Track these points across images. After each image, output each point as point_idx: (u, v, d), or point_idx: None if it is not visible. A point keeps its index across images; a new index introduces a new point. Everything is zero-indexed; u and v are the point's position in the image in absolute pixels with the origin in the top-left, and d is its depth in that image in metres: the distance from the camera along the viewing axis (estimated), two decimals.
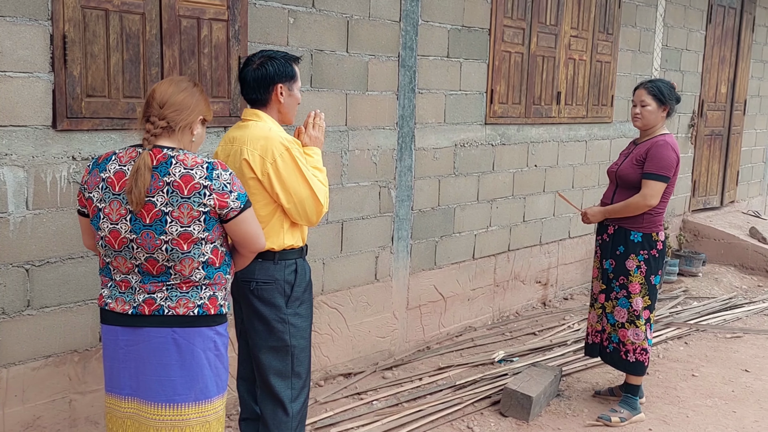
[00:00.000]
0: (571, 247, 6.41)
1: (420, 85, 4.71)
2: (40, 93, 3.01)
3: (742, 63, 8.54)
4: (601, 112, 6.46)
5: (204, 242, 2.27)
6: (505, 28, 5.29)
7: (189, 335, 2.29)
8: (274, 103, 2.79)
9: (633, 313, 3.94)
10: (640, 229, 3.91)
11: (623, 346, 3.97)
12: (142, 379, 2.30)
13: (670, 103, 3.89)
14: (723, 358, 5.06)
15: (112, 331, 2.32)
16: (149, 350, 2.28)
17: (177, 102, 2.27)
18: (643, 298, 3.94)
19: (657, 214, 3.93)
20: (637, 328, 3.93)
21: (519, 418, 3.95)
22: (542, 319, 5.77)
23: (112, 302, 2.32)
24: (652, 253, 3.92)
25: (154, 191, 2.19)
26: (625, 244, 3.93)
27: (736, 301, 6.44)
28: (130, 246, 2.23)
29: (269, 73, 2.73)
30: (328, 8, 4.08)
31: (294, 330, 2.80)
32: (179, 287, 2.28)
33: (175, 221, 2.20)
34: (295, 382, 2.84)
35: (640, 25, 6.74)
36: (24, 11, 2.93)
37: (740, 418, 4.13)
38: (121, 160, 2.26)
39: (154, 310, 2.27)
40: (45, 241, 3.11)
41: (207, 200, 2.22)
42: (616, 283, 3.98)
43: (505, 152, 5.50)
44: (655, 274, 3.96)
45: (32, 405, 3.15)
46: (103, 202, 2.25)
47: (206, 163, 2.24)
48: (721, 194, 8.69)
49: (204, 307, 2.30)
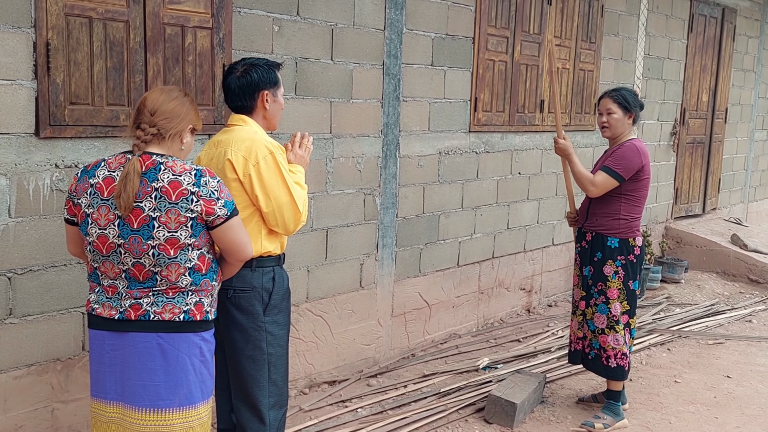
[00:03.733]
0: (555, 254, 6.45)
1: (404, 93, 4.73)
2: (23, 100, 3.00)
3: (723, 72, 8.65)
4: (585, 120, 6.51)
5: (191, 248, 2.30)
6: (489, 36, 5.33)
7: (174, 340, 2.30)
8: (260, 110, 2.81)
9: (612, 318, 3.96)
10: (617, 234, 3.94)
11: (604, 351, 3.99)
12: (127, 384, 2.31)
13: (635, 110, 3.93)
14: (705, 365, 5.11)
15: (99, 335, 2.34)
16: (134, 355, 2.30)
17: (167, 110, 2.31)
18: (621, 304, 3.97)
19: (633, 219, 3.95)
20: (617, 333, 3.96)
21: (503, 424, 3.96)
22: (526, 326, 5.79)
23: (99, 307, 2.34)
24: (629, 258, 3.95)
25: (143, 196, 2.23)
26: (603, 250, 3.96)
27: (719, 308, 6.50)
28: (118, 251, 2.26)
29: (254, 80, 2.75)
30: (312, 16, 4.10)
31: (271, 338, 2.78)
32: (165, 293, 2.30)
33: (163, 226, 2.23)
34: (272, 390, 2.81)
35: (622, 34, 6.81)
36: (6, 18, 2.92)
37: (722, 424, 4.17)
38: (111, 166, 2.30)
39: (140, 315, 2.29)
40: (27, 248, 3.09)
41: (194, 206, 2.26)
42: (594, 289, 4.01)
43: (489, 160, 5.54)
44: (633, 279, 3.98)
45: (14, 414, 3.12)
46: (91, 207, 2.28)
47: (194, 170, 2.28)
48: (703, 202, 8.78)
49: (190, 313, 2.32)
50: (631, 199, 3.93)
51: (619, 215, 3.93)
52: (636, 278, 4.00)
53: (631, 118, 3.94)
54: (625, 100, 3.91)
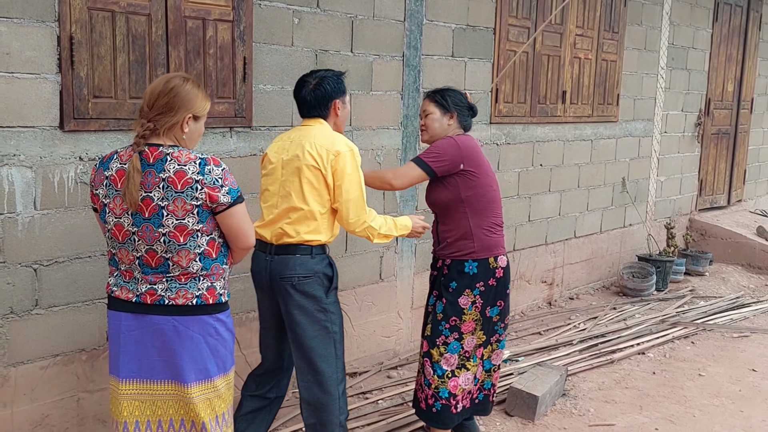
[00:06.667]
0: (577, 247, 6.41)
1: (424, 85, 4.71)
2: (48, 94, 3.04)
3: (748, 61, 8.51)
4: (607, 111, 6.45)
5: (199, 234, 2.39)
6: (510, 27, 5.30)
7: (188, 322, 2.42)
8: (332, 117, 3.04)
9: (464, 356, 3.36)
10: (472, 255, 3.30)
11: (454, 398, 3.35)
12: (144, 361, 2.44)
13: (456, 110, 3.37)
14: (730, 358, 5.05)
15: (117, 316, 2.46)
16: (150, 334, 2.42)
17: (160, 105, 2.36)
18: (476, 335, 3.37)
19: (490, 234, 3.32)
20: (468, 371, 3.38)
21: (524, 417, 3.95)
22: (548, 318, 5.76)
23: (117, 290, 2.46)
24: (489, 283, 3.32)
25: (152, 187, 2.32)
26: (459, 278, 3.32)
27: (744, 301, 6.42)
28: (132, 238, 2.38)
29: (328, 91, 2.99)
30: (332, 8, 4.10)
31: (334, 317, 3.00)
32: (178, 279, 2.40)
33: (171, 214, 2.33)
34: (339, 365, 3.04)
35: (645, 24, 6.73)
36: (31, 13, 2.95)
37: (747, 417, 4.12)
38: (122, 158, 2.40)
39: (155, 300, 2.40)
40: (53, 240, 3.13)
41: (199, 194, 2.34)
42: (446, 325, 3.32)
43: (510, 151, 5.50)
44: (492, 305, 3.37)
45: (41, 403, 3.17)
46: (107, 198, 2.40)
47: (199, 159, 2.36)
48: (728, 193, 8.67)
49: (202, 298, 2.43)
50: (476, 209, 3.30)
51: (469, 231, 3.30)
52: (496, 304, 3.38)
53: (452, 119, 3.38)
54: (443, 99, 3.39)
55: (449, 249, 3.36)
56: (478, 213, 3.31)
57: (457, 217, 3.32)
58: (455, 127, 3.41)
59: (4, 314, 3.03)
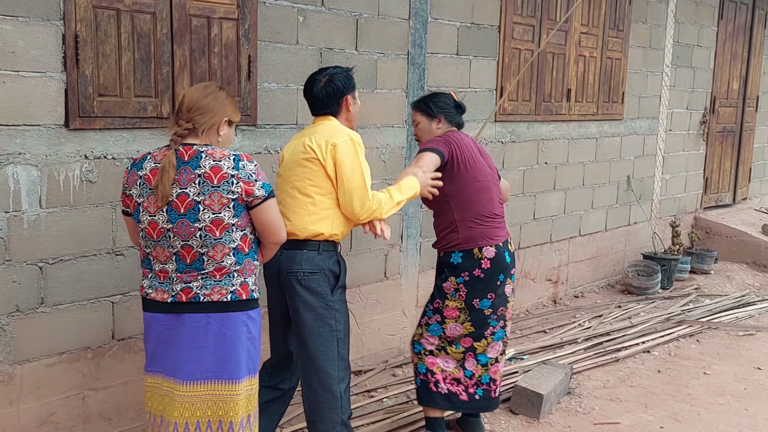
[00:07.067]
0: (581, 245, 6.40)
1: (429, 83, 4.71)
2: (53, 92, 3.04)
3: (754, 59, 8.49)
4: (612, 109, 6.43)
5: (234, 228, 2.47)
6: (515, 25, 5.29)
7: (223, 320, 2.49)
8: (344, 112, 3.07)
9: (445, 339, 3.45)
10: (458, 246, 3.38)
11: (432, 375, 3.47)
12: (178, 360, 2.50)
13: (441, 113, 3.46)
14: (735, 356, 5.04)
15: (154, 317, 2.54)
16: (186, 333, 2.49)
17: (201, 106, 2.50)
18: (462, 325, 3.43)
19: (475, 225, 3.37)
20: (448, 356, 3.47)
21: (529, 415, 3.95)
22: (553, 317, 5.76)
23: (152, 292, 2.54)
24: (474, 273, 3.36)
25: (187, 183, 2.42)
26: (448, 267, 3.43)
27: (749, 299, 6.40)
28: (168, 235, 2.45)
29: (338, 88, 3.02)
30: (337, 7, 4.09)
31: (339, 315, 3.00)
32: (212, 275, 2.48)
33: (207, 209, 2.42)
34: (341, 364, 3.04)
35: (651, 22, 6.71)
36: (36, 11, 2.96)
37: (753, 416, 4.11)
38: (156, 158, 2.50)
39: (191, 297, 2.48)
40: (59, 239, 3.14)
41: (235, 188, 2.44)
42: (430, 306, 3.48)
43: (515, 149, 5.50)
44: (481, 297, 3.39)
45: (46, 401, 3.18)
46: (141, 197, 2.48)
47: (233, 155, 2.47)
48: (734, 191, 8.64)
49: (236, 293, 2.51)
50: (460, 202, 3.36)
51: (454, 224, 3.39)
52: (486, 296, 3.40)
53: (440, 122, 3.47)
54: (427, 106, 3.47)
55: (440, 243, 3.50)
56: (463, 205, 3.37)
57: (444, 210, 3.42)
58: (445, 128, 3.50)
59: (10, 312, 3.04)
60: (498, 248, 3.41)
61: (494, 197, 3.45)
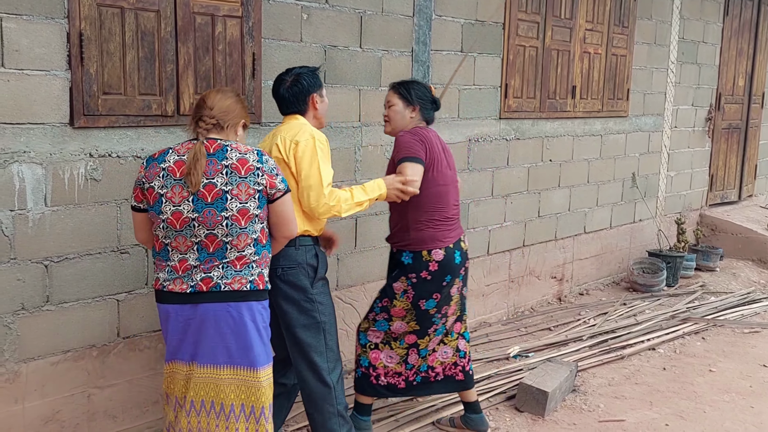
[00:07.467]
0: (586, 242, 6.38)
1: (434, 80, 4.70)
2: (57, 91, 3.05)
3: (760, 55, 8.45)
4: (617, 106, 6.42)
5: (257, 219, 2.60)
6: (520, 22, 5.27)
7: (242, 309, 2.60)
8: (311, 111, 3.13)
9: (390, 335, 3.50)
10: (408, 247, 3.38)
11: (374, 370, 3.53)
12: (199, 347, 2.61)
13: (419, 103, 3.42)
14: (740, 353, 5.03)
15: (171, 309, 2.62)
16: (207, 321, 2.58)
17: (224, 106, 2.66)
18: (408, 324, 3.46)
19: (425, 228, 3.35)
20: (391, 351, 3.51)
21: (534, 413, 3.94)
22: (557, 314, 5.75)
23: (170, 284, 2.60)
24: (422, 275, 3.34)
25: (214, 174, 2.54)
26: (399, 266, 3.43)
27: (754, 296, 6.38)
28: (192, 224, 2.54)
29: (304, 87, 3.08)
30: (341, 4, 4.09)
31: (322, 307, 3.08)
32: (233, 265, 2.58)
33: (235, 198, 2.54)
34: (330, 356, 3.11)
35: (656, 18, 6.68)
36: (40, 9, 2.96)
37: (758, 413, 4.10)
38: (179, 152, 2.60)
39: (212, 287, 2.58)
40: (63, 237, 3.15)
41: (260, 179, 2.58)
42: (378, 303, 3.49)
43: (519, 147, 5.49)
44: (427, 298, 3.38)
45: (51, 399, 3.19)
46: (165, 188, 2.56)
47: (256, 150, 2.63)
48: (739, 188, 8.61)
49: (255, 283, 2.63)
50: (416, 204, 3.32)
51: (407, 225, 3.37)
52: (432, 297, 3.38)
53: (414, 112, 3.42)
54: (407, 92, 3.42)
55: (393, 238, 3.52)
56: (418, 207, 3.34)
57: (399, 208, 3.40)
58: (417, 120, 3.45)
59: (15, 310, 3.05)
60: (447, 250, 3.38)
61: (450, 200, 3.44)
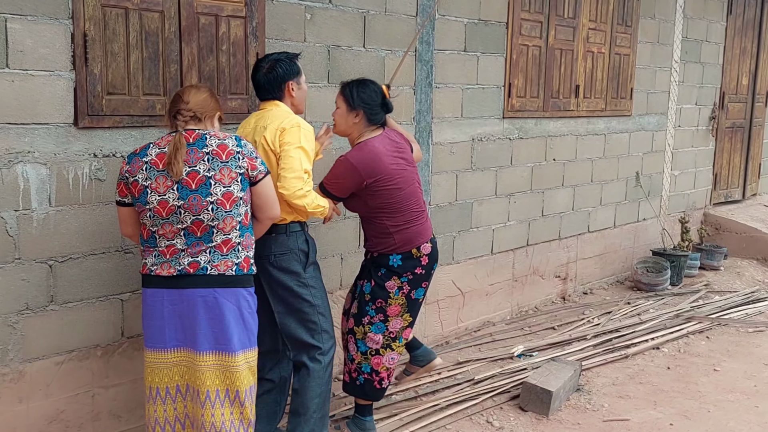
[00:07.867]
0: (590, 242, 6.37)
1: (437, 80, 4.70)
2: (62, 91, 3.05)
3: (763, 54, 8.43)
4: (620, 105, 6.41)
5: (241, 203, 2.68)
6: (523, 21, 5.27)
7: (228, 295, 2.68)
8: (287, 98, 3.18)
9: (389, 336, 3.48)
10: (396, 250, 3.39)
11: (377, 375, 3.50)
12: (188, 332, 2.67)
13: (362, 107, 3.29)
14: (745, 353, 5.02)
15: (158, 293, 2.69)
16: (194, 307, 2.65)
17: (200, 99, 2.75)
18: (402, 318, 3.48)
19: (409, 228, 3.38)
20: (393, 352, 3.50)
21: (538, 412, 3.94)
22: (561, 313, 5.74)
23: (157, 268, 2.68)
24: (416, 271, 3.42)
25: (196, 161, 2.62)
26: (387, 267, 3.42)
27: (759, 295, 6.37)
28: (178, 212, 2.63)
29: (279, 74, 3.13)
30: (344, 4, 4.09)
31: (315, 291, 3.18)
32: (219, 249, 2.67)
33: (218, 183, 2.63)
34: (324, 337, 3.22)
35: (659, 17, 6.67)
36: (45, 10, 2.96)
37: (762, 413, 4.09)
38: (160, 145, 2.67)
39: (198, 269, 2.65)
40: (68, 237, 3.15)
41: (241, 163, 2.67)
42: (372, 306, 3.45)
43: (522, 146, 5.48)
44: (417, 288, 3.46)
45: (56, 399, 3.20)
46: (148, 180, 2.64)
47: (234, 136, 2.73)
48: (743, 187, 8.60)
49: (240, 266, 2.71)
50: (388, 212, 3.34)
51: (387, 231, 3.38)
52: (422, 286, 3.47)
53: (357, 117, 3.31)
54: (350, 94, 3.29)
55: (374, 246, 3.49)
56: (392, 214, 3.37)
57: (373, 219, 3.42)
58: (362, 125, 3.34)
59: (20, 310, 3.06)
60: (432, 241, 3.50)
61: (418, 193, 3.48)
